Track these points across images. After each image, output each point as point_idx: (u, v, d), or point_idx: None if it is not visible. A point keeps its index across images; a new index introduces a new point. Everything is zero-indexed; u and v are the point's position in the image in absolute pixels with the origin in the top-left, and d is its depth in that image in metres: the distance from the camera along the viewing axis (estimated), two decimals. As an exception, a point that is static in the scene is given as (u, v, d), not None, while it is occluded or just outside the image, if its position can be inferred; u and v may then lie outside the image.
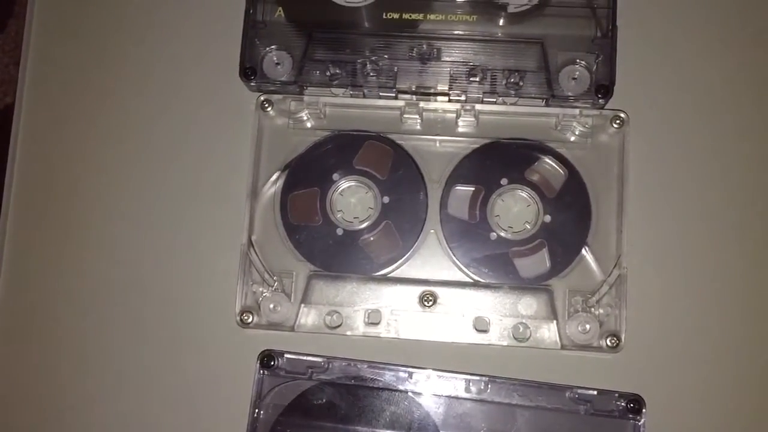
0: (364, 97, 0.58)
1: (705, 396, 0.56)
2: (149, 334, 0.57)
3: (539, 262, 0.57)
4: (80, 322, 0.58)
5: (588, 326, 0.55)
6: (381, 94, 0.58)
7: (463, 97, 0.57)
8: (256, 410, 0.54)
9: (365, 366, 0.55)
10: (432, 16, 0.58)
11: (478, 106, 0.57)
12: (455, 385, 0.54)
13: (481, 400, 0.54)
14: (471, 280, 0.57)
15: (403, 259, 0.57)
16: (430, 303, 0.56)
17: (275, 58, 0.58)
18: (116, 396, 0.57)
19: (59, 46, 0.62)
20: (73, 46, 0.61)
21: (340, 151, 0.58)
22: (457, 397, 0.54)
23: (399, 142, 0.58)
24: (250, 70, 0.58)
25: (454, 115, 0.58)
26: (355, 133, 0.58)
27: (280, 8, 0.58)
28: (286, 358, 0.55)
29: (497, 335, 0.56)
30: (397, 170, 0.58)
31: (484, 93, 0.57)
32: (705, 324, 0.57)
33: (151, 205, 0.59)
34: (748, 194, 0.58)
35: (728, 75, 0.59)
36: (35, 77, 0.61)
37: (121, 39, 0.61)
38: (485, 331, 0.56)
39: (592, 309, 0.55)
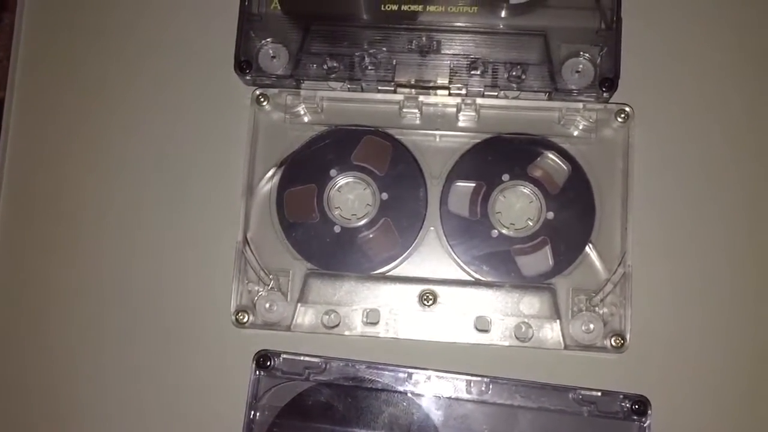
0: (362, 90, 0.57)
1: (711, 397, 0.55)
2: (143, 334, 0.57)
3: (542, 260, 0.56)
4: (72, 321, 0.57)
5: (592, 326, 0.54)
6: (379, 87, 0.57)
7: (463, 91, 0.57)
8: (252, 412, 0.53)
9: (364, 366, 0.54)
10: (432, 8, 0.57)
11: (479, 100, 0.57)
12: (456, 386, 0.54)
13: (483, 402, 0.53)
14: (472, 279, 0.56)
15: (402, 257, 0.56)
16: (430, 302, 0.55)
17: (271, 52, 0.57)
18: (110, 397, 0.56)
19: (51, 40, 0.61)
20: (66, 40, 0.61)
21: (337, 146, 0.57)
22: (457, 399, 0.54)
23: (398, 137, 0.57)
24: (245, 64, 0.57)
25: (455, 109, 0.57)
26: (353, 127, 0.57)
27: (276, 0, 0.58)
28: (283, 358, 0.54)
29: (499, 335, 0.55)
30: (396, 166, 0.57)
31: (485, 86, 0.56)
32: (711, 323, 0.56)
33: (144, 202, 0.58)
34: (755, 190, 0.57)
35: (735, 67, 0.58)
36: (27, 71, 0.61)
37: (114, 33, 0.61)
38: (486, 331, 0.55)
39: (596, 308, 0.55)
